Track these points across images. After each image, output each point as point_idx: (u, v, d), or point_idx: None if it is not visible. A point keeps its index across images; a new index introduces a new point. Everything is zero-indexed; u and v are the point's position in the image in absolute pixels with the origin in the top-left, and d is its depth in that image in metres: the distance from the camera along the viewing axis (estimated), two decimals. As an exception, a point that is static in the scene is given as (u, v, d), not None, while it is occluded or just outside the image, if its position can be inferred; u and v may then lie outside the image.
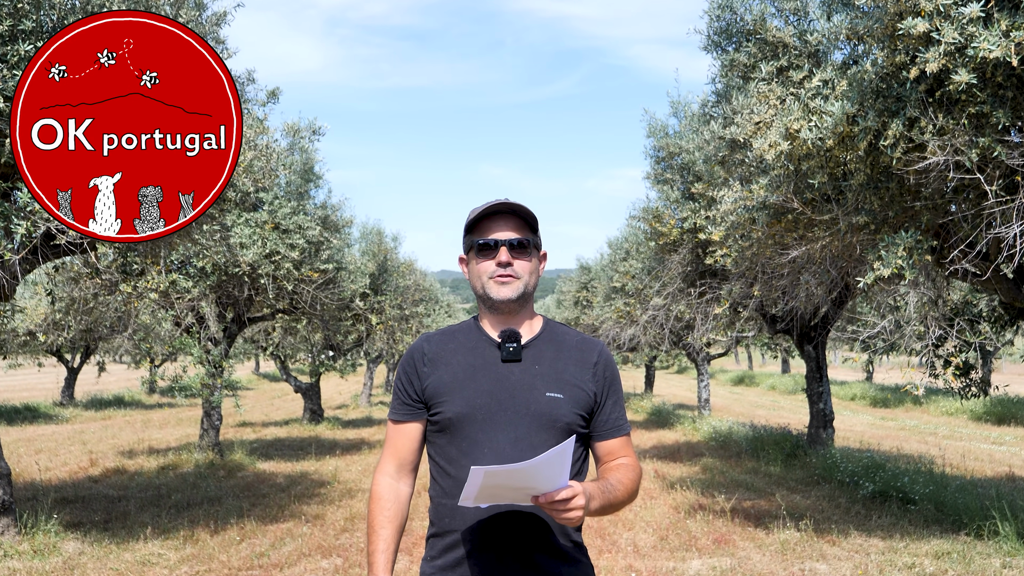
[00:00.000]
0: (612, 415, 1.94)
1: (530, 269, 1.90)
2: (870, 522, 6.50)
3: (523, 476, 1.57)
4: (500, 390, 1.84)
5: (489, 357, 1.88)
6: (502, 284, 1.87)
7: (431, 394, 1.88)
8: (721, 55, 5.66)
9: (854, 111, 4.21)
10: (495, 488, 1.60)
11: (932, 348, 6.83)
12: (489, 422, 1.81)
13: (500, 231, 1.88)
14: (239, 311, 9.92)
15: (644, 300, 10.65)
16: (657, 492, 8.04)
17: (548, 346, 1.92)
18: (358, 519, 6.72)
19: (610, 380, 1.94)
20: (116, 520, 6.57)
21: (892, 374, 23.10)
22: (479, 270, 1.89)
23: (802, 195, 4.96)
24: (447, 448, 1.85)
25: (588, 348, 1.94)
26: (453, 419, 1.83)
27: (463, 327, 1.97)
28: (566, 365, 1.89)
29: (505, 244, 1.87)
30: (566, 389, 1.86)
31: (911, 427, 15.68)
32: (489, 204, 1.89)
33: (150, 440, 12.48)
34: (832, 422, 9.54)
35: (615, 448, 1.94)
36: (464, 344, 1.92)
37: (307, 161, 9.70)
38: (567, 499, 1.64)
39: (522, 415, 1.82)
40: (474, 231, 1.91)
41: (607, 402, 1.93)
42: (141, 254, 6.62)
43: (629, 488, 1.86)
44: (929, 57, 3.66)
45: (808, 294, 7.17)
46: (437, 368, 1.89)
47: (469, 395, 1.83)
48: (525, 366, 1.87)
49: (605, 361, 1.94)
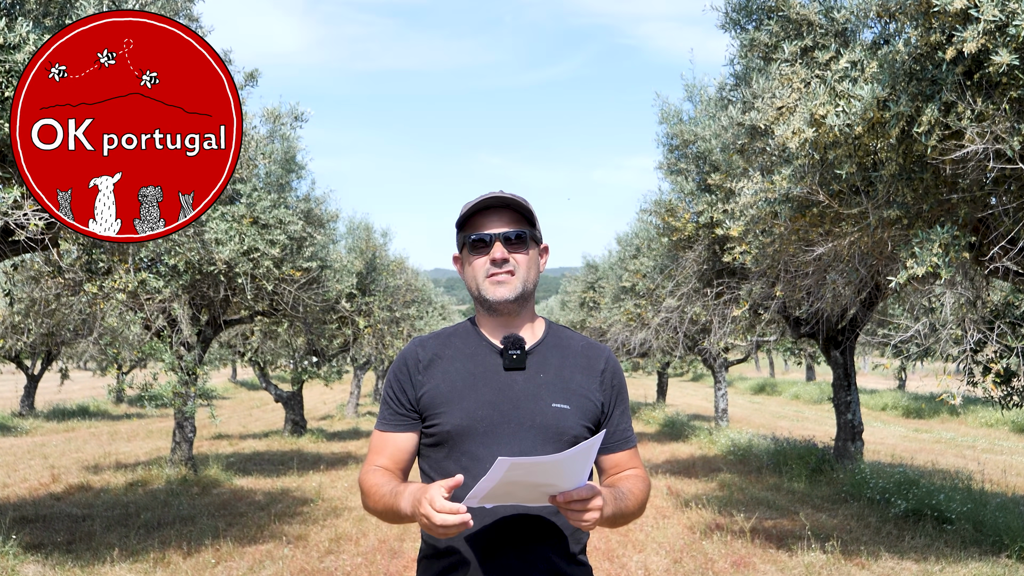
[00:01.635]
0: (620, 426, 1.94)
1: (528, 265, 1.89)
2: (902, 543, 6.51)
3: (547, 471, 1.58)
4: (503, 401, 1.84)
5: (490, 364, 1.88)
6: (498, 284, 1.86)
7: (427, 404, 1.87)
8: (740, 34, 5.65)
9: (885, 95, 4.21)
10: (512, 485, 1.61)
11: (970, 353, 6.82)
12: (491, 435, 1.81)
13: (494, 225, 1.88)
14: (214, 313, 9.92)
15: (656, 301, 10.65)
16: (670, 511, 8.04)
17: (553, 352, 1.92)
18: (344, 540, 6.72)
19: (618, 389, 1.95)
20: (80, 541, 6.57)
21: (926, 382, 23.07)
22: (473, 269, 1.89)
23: (828, 187, 4.96)
24: (444, 463, 1.85)
25: (594, 354, 1.95)
26: (452, 432, 1.83)
27: (459, 330, 1.97)
28: (572, 373, 1.90)
29: (499, 238, 1.86)
30: (573, 399, 1.86)
31: (947, 440, 15.68)
32: (481, 197, 1.89)
33: (117, 454, 12.48)
34: (861, 434, 9.55)
35: (623, 461, 1.95)
36: (462, 350, 1.92)
37: (288, 150, 9.70)
38: (586, 499, 1.64)
39: (527, 427, 1.82)
40: (466, 227, 1.91)
41: (615, 412, 1.94)
42: (108, 251, 6.62)
43: (639, 499, 1.88)
44: (967, 36, 3.66)
45: (835, 295, 7.17)
46: (433, 375, 1.88)
47: (469, 406, 1.83)
48: (529, 374, 1.87)
49: (612, 369, 1.95)
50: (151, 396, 9.07)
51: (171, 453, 10.23)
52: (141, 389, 9.15)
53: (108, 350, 12.11)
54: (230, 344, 16.20)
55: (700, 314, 9.53)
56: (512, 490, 1.64)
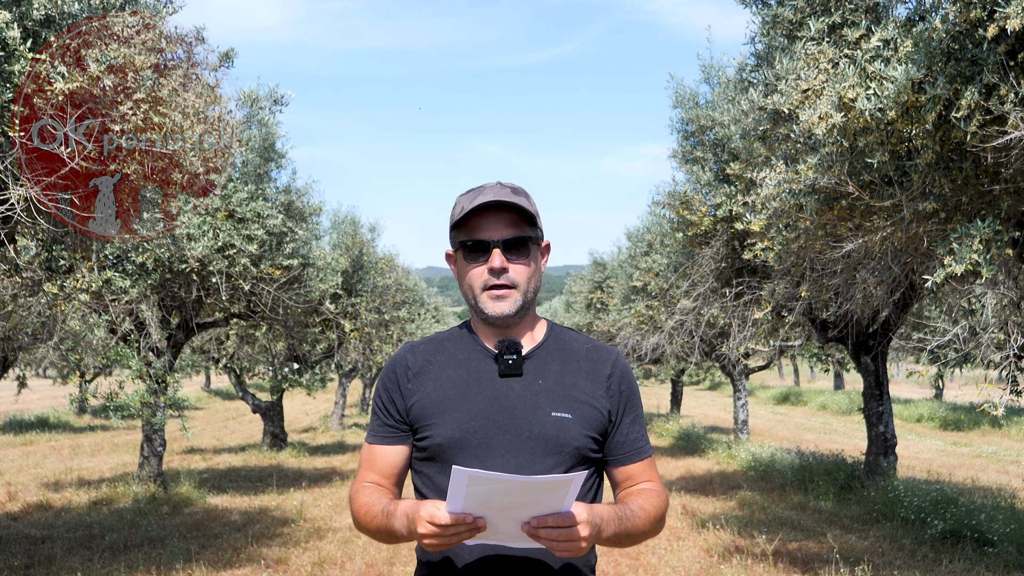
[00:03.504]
0: (631, 435, 1.95)
1: (529, 274, 1.90)
2: (939, 567, 6.51)
3: (514, 492, 1.56)
4: (498, 410, 1.84)
5: (484, 371, 1.89)
6: (498, 299, 1.87)
7: (417, 415, 1.88)
8: (762, 9, 5.65)
9: (921, 77, 4.21)
10: (484, 497, 1.59)
11: (1014, 359, 6.82)
12: (485, 448, 1.82)
13: (492, 228, 1.87)
14: (186, 316, 9.92)
15: (670, 302, 10.65)
16: (685, 532, 8.04)
17: (553, 356, 1.92)
18: (328, 564, 6.73)
19: (627, 395, 1.95)
20: (39, 565, 6.57)
21: (966, 391, 23.10)
22: (469, 277, 1.89)
23: (858, 177, 4.96)
24: (437, 478, 1.86)
25: (601, 358, 1.95)
26: (444, 445, 1.84)
27: (453, 335, 1.98)
28: (575, 379, 1.90)
29: (498, 245, 1.86)
30: (575, 407, 1.86)
31: (989, 454, 15.68)
32: (480, 196, 1.87)
33: (80, 470, 12.48)
34: (894, 448, 9.55)
35: (636, 473, 1.95)
36: (455, 356, 1.92)
37: (267, 136, 9.70)
38: (565, 526, 1.61)
39: (524, 439, 1.82)
40: (461, 228, 1.90)
41: (624, 421, 1.94)
42: (69, 248, 6.62)
43: (653, 516, 1.87)
44: (1010, 12, 3.66)
45: (866, 295, 7.17)
46: (424, 384, 1.89)
47: (462, 417, 1.84)
48: (527, 381, 1.88)
49: (621, 373, 1.95)
50: (117, 406, 9.07)
51: (139, 469, 10.23)
52: (106, 399, 9.15)
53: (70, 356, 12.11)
54: (203, 349, 16.20)
55: (718, 316, 9.53)
56: (490, 517, 1.61)
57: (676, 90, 9.08)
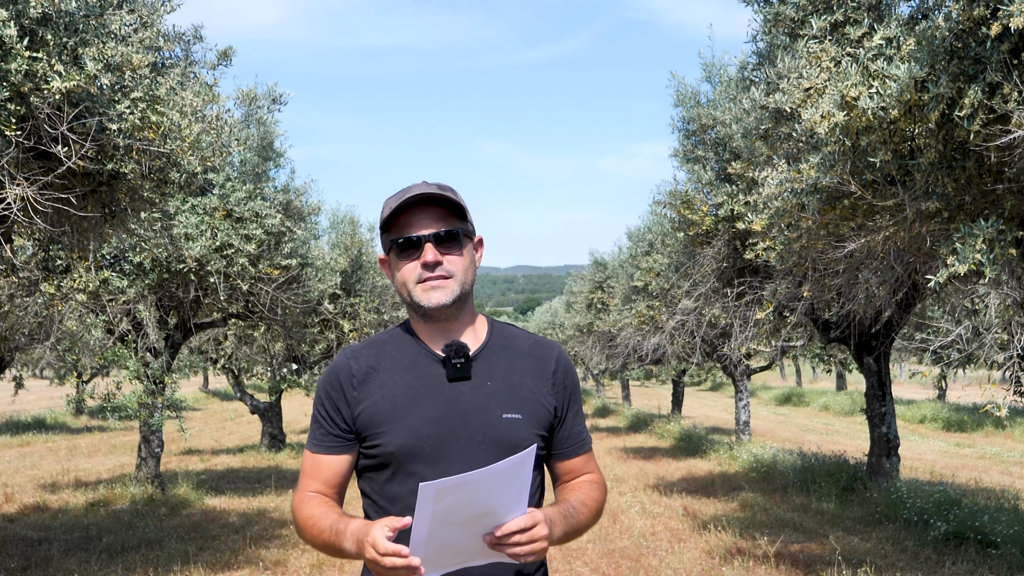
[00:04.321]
0: (574, 429, 1.98)
1: (464, 265, 1.89)
2: (942, 569, 6.51)
3: (479, 491, 1.57)
4: (449, 416, 1.84)
5: (432, 376, 1.88)
6: (432, 288, 1.86)
7: (365, 423, 1.86)
8: (763, 7, 5.65)
9: (924, 75, 4.21)
10: (450, 526, 1.59)
11: (1017, 360, 6.82)
12: (439, 454, 1.82)
13: (422, 225, 1.86)
14: (184, 316, 9.92)
15: (671, 303, 10.65)
16: (686, 534, 8.04)
17: (499, 356, 1.93)
18: (327, 566, 6.73)
19: (571, 389, 1.98)
20: (36, 567, 6.57)
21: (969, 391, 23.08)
22: (403, 274, 1.88)
23: (861, 176, 4.96)
24: (388, 485, 1.85)
25: (544, 354, 1.97)
26: (396, 453, 1.83)
27: (393, 337, 1.96)
28: (522, 377, 1.91)
29: (429, 239, 1.85)
30: (524, 407, 1.88)
31: (992, 455, 15.68)
32: (404, 194, 1.86)
33: (77, 471, 12.48)
34: (897, 449, 9.55)
35: (577, 466, 1.99)
36: (399, 360, 1.91)
37: (265, 135, 9.70)
38: (527, 528, 1.63)
39: (477, 443, 1.83)
40: (391, 228, 1.89)
41: (568, 415, 1.96)
42: (66, 248, 6.62)
43: (594, 510, 1.91)
44: (1014, 10, 3.66)
45: (868, 295, 7.17)
46: (370, 392, 1.87)
47: (413, 424, 1.83)
48: (476, 383, 1.88)
49: (564, 368, 1.97)
50: (114, 407, 9.07)
51: (136, 470, 10.23)
52: (103, 399, 9.15)
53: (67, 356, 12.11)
54: (201, 350, 16.21)
55: (719, 317, 9.53)
56: (453, 537, 1.61)
57: (677, 89, 9.09)
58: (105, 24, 4.47)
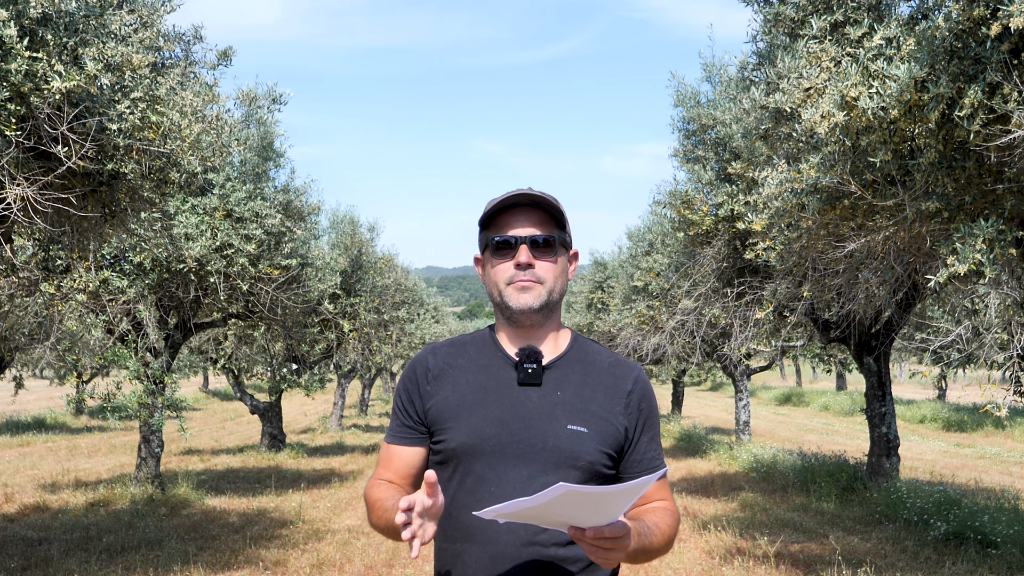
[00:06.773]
0: (648, 454, 1.94)
1: (556, 272, 1.90)
2: (942, 569, 6.51)
3: (597, 503, 1.59)
4: (514, 419, 1.84)
5: (503, 378, 1.89)
6: (522, 290, 1.87)
7: (434, 418, 1.89)
8: (763, 7, 5.66)
9: (923, 75, 4.21)
10: (549, 511, 1.60)
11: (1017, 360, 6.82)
12: (498, 455, 1.82)
13: (520, 226, 1.89)
14: (184, 316, 9.92)
15: (671, 303, 10.65)
16: (687, 534, 8.04)
17: (574, 368, 1.92)
18: (327, 566, 6.73)
19: (646, 413, 1.95)
20: (36, 567, 6.57)
21: (969, 391, 23.11)
22: (495, 273, 1.90)
23: (861, 176, 4.96)
24: (448, 484, 1.87)
25: (622, 374, 1.95)
26: (457, 450, 1.85)
27: (476, 339, 1.99)
28: (594, 393, 1.90)
29: (525, 241, 1.87)
30: (591, 421, 1.86)
31: (992, 455, 15.68)
32: (508, 194, 1.90)
33: (77, 471, 12.48)
34: (897, 449, 9.55)
35: (650, 492, 1.95)
36: (475, 360, 1.93)
37: (265, 135, 9.70)
38: (617, 537, 1.63)
39: (537, 449, 1.82)
40: (490, 227, 1.92)
41: (642, 439, 1.93)
42: (66, 248, 6.63)
43: (667, 535, 1.87)
44: (1014, 10, 3.66)
45: (868, 295, 7.17)
46: (443, 387, 1.90)
47: (477, 423, 1.84)
48: (545, 391, 1.88)
49: (642, 391, 1.95)
50: (114, 407, 9.07)
51: (136, 470, 10.23)
52: (103, 399, 9.15)
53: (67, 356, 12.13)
54: (201, 350, 16.20)
55: (719, 317, 9.53)
56: (543, 513, 1.62)
57: (677, 89, 9.09)
58: (105, 24, 4.47)
